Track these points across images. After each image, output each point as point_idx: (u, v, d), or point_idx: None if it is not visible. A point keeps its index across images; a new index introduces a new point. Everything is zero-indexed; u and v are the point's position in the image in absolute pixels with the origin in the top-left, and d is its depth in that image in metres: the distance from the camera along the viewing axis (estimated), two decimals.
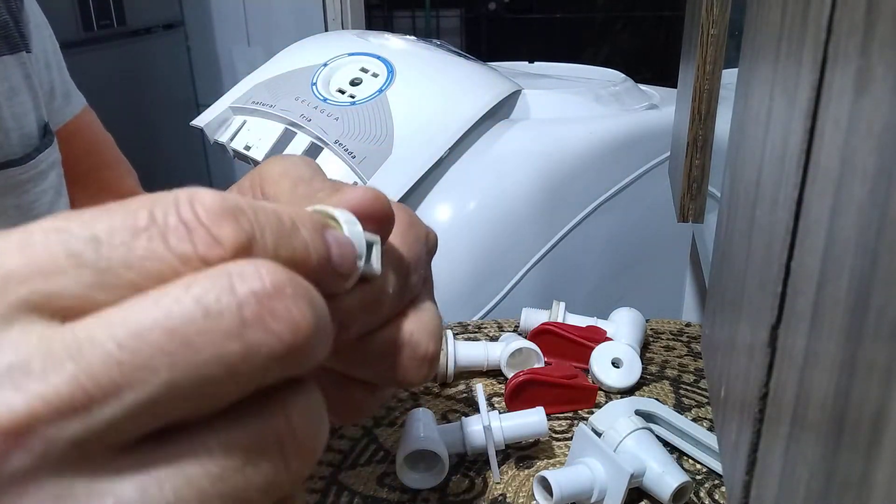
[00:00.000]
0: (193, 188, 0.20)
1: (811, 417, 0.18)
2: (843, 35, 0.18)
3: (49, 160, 0.52)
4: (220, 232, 0.19)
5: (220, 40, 2.20)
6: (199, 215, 0.19)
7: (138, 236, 0.18)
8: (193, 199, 0.19)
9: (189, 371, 0.17)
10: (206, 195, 0.19)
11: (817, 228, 0.19)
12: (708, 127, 0.60)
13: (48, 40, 0.56)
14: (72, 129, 0.59)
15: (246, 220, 0.19)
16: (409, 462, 0.48)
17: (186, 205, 0.19)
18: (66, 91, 0.59)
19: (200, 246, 0.19)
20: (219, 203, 0.19)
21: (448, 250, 0.82)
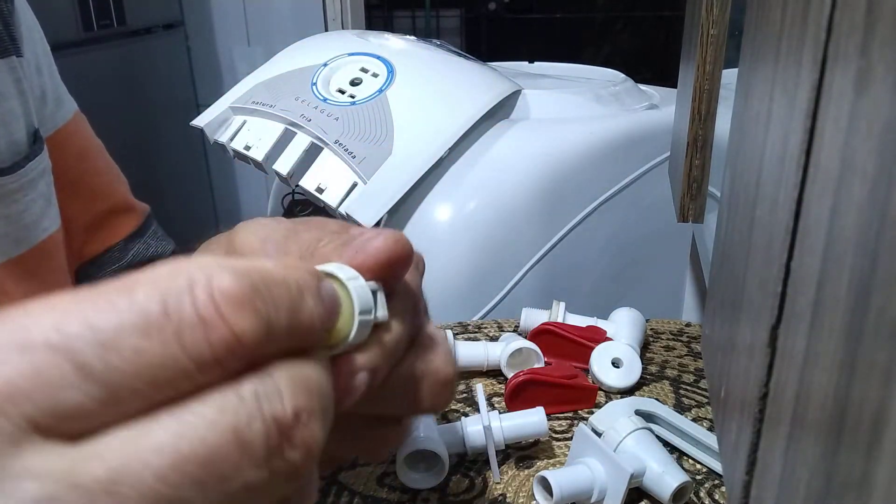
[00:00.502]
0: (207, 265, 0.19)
1: (811, 417, 0.18)
2: (843, 35, 0.18)
3: (39, 168, 0.50)
4: (240, 325, 0.18)
5: (220, 40, 2.20)
6: (217, 304, 0.18)
7: (150, 336, 0.17)
8: (211, 284, 0.18)
9: (218, 498, 0.17)
10: (224, 278, 0.18)
11: (817, 228, 0.19)
12: (708, 127, 0.60)
13: (39, 44, 0.55)
14: (64, 135, 0.58)
15: (262, 302, 0.19)
16: (409, 462, 0.48)
17: (203, 292, 0.18)
18: (58, 96, 0.58)
19: (219, 347, 0.18)
20: (237, 287, 0.18)
21: (448, 250, 0.82)
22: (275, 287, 0.19)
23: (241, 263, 0.19)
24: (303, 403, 0.19)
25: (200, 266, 0.19)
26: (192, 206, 2.20)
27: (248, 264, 0.19)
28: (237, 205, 2.32)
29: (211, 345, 0.18)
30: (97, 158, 0.63)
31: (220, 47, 2.20)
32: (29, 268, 0.50)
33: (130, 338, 0.17)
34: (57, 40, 0.58)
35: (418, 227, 0.82)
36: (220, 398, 0.18)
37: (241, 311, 0.18)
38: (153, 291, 0.18)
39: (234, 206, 2.32)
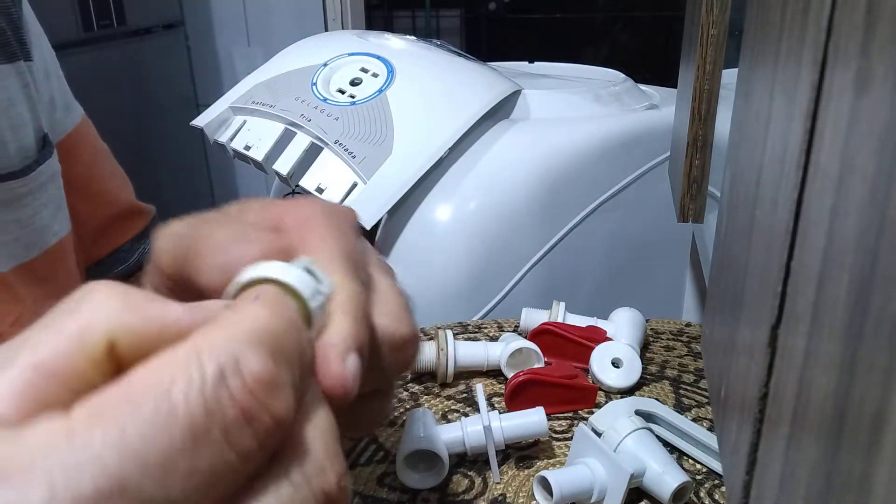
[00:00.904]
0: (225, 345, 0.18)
1: (811, 417, 0.18)
2: (843, 35, 0.18)
3: (48, 172, 0.51)
4: (277, 407, 0.18)
5: (220, 40, 2.20)
6: (254, 392, 0.17)
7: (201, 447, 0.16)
8: (241, 370, 0.18)
9: None
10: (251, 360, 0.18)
11: (817, 228, 0.19)
12: (708, 127, 0.60)
13: (46, 49, 0.55)
14: (73, 140, 0.58)
15: (286, 372, 0.19)
16: (409, 462, 0.48)
17: (237, 381, 0.17)
18: (66, 101, 0.58)
19: (263, 436, 0.18)
20: (267, 369, 0.18)
21: (448, 250, 0.82)
22: (286, 348, 0.19)
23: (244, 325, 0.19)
24: (339, 468, 0.19)
25: (223, 349, 0.18)
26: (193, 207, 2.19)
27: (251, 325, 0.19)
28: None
29: (256, 436, 0.17)
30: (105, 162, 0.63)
31: (220, 47, 2.20)
32: (40, 272, 0.50)
33: (184, 459, 0.16)
34: (57, 40, 0.58)
35: (418, 227, 0.82)
36: (275, 490, 0.18)
37: (275, 392, 0.18)
38: (189, 391, 0.17)
39: None
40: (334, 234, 0.27)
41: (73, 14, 1.68)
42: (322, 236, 0.27)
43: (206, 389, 0.17)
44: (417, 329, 0.29)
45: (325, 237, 0.27)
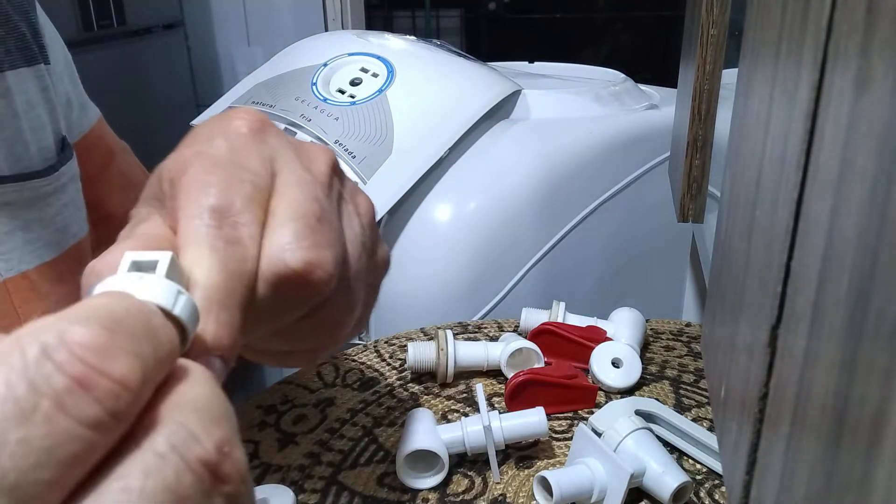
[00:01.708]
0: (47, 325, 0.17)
1: (811, 417, 0.18)
2: (843, 35, 0.18)
3: (70, 174, 0.51)
4: (117, 370, 0.17)
5: (220, 40, 2.20)
6: (83, 359, 0.17)
7: (30, 421, 0.16)
8: (65, 341, 0.17)
9: None
10: (76, 330, 0.17)
11: (817, 228, 0.19)
12: (708, 127, 0.60)
13: (61, 51, 0.56)
14: (90, 141, 0.59)
15: (123, 339, 0.18)
16: (409, 462, 0.48)
17: (62, 352, 0.17)
18: (83, 102, 0.58)
19: (108, 401, 0.17)
20: (93, 334, 0.17)
21: (448, 250, 0.82)
22: (125, 321, 0.18)
23: (78, 310, 0.18)
24: (219, 434, 0.18)
25: (41, 329, 0.17)
26: None
27: (84, 308, 0.18)
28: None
29: (99, 402, 0.17)
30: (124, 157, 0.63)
31: (220, 47, 2.20)
32: (62, 272, 0.50)
33: (10, 433, 0.16)
34: None
35: (418, 227, 0.82)
36: (139, 463, 0.17)
37: (111, 356, 0.17)
38: (9, 372, 0.16)
39: None
40: (198, 186, 0.26)
41: (73, 14, 1.68)
42: (185, 200, 0.26)
43: (28, 368, 0.16)
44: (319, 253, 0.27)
45: (188, 200, 0.26)
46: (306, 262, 0.26)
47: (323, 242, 0.27)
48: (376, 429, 0.54)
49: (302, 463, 0.51)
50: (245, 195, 0.26)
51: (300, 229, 0.26)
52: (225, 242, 0.25)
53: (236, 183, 0.27)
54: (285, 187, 0.28)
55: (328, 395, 0.59)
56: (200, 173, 0.27)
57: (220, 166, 0.27)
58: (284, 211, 0.27)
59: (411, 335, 0.68)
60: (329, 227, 0.28)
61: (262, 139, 0.29)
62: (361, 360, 0.64)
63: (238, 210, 0.26)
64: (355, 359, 0.64)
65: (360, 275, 0.30)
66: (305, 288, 0.26)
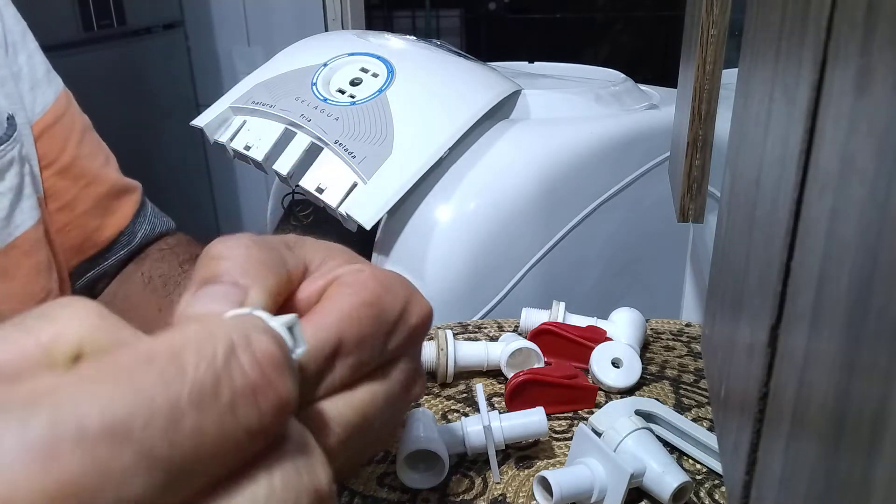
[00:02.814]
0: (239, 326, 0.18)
1: (811, 417, 0.18)
2: (843, 35, 0.18)
3: (6, 158, 0.47)
4: (283, 387, 0.18)
5: (220, 40, 2.20)
6: (262, 368, 0.18)
7: (208, 411, 0.17)
8: (252, 347, 0.18)
9: None
10: (263, 339, 0.18)
11: (817, 228, 0.19)
12: (708, 127, 0.60)
13: (14, 23, 0.52)
14: (51, 119, 0.55)
15: (290, 361, 0.19)
16: (409, 462, 0.48)
17: (247, 356, 0.18)
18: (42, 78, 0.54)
19: (268, 413, 0.18)
20: (276, 348, 0.18)
21: (448, 250, 0.82)
22: (283, 346, 0.20)
23: (254, 321, 0.19)
24: (330, 471, 0.20)
25: (235, 327, 0.18)
26: (193, 206, 2.20)
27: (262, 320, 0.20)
28: (237, 205, 2.32)
29: (260, 412, 0.18)
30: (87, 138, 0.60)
31: (220, 47, 2.20)
32: (5, 266, 0.47)
33: (190, 416, 0.16)
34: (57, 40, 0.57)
35: (418, 227, 0.82)
36: (266, 478, 0.18)
37: (282, 374, 0.18)
38: (200, 359, 0.17)
39: (234, 206, 2.32)
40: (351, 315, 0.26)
41: (73, 14, 1.68)
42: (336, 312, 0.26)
43: (216, 360, 0.17)
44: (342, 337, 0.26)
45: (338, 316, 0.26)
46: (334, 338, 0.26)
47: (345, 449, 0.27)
48: None
49: None
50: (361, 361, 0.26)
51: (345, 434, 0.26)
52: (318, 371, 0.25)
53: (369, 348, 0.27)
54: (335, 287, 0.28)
55: None
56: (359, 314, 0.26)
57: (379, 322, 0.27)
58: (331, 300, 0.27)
59: None
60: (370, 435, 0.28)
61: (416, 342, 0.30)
62: None
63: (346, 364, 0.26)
64: None
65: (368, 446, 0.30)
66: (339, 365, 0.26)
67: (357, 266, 0.28)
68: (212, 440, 0.17)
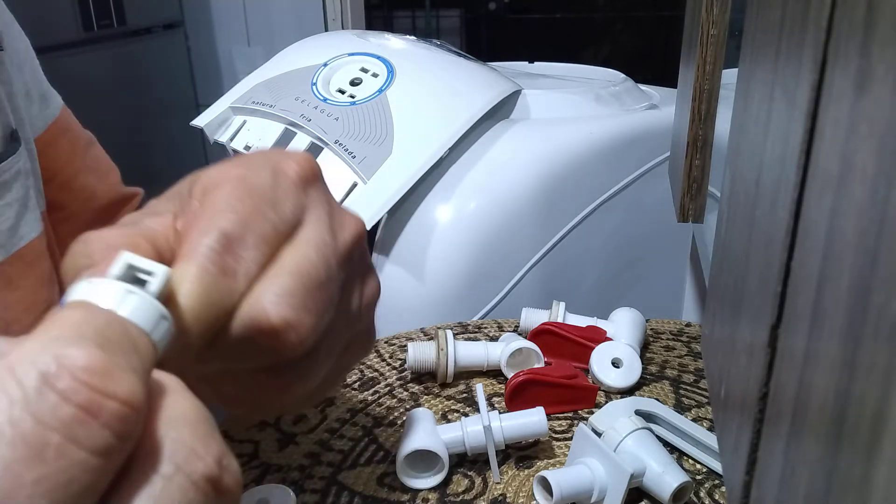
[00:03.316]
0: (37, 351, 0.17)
1: (811, 417, 0.18)
2: (843, 35, 0.18)
3: (12, 170, 0.48)
4: (121, 390, 0.17)
5: (220, 40, 2.20)
6: (87, 383, 0.16)
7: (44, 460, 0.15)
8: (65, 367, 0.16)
9: None
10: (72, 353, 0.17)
11: (817, 228, 0.19)
12: (708, 127, 0.60)
13: (20, 41, 0.53)
14: (53, 133, 0.56)
15: (120, 357, 0.17)
16: (409, 462, 0.48)
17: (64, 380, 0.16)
18: (42, 93, 0.55)
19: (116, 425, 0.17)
20: (90, 356, 0.17)
21: (448, 250, 0.82)
22: (111, 336, 0.18)
23: (64, 328, 0.18)
24: (216, 448, 0.18)
25: (34, 353, 0.17)
26: None
27: (70, 326, 0.18)
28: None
29: (109, 427, 0.16)
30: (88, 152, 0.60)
31: (220, 47, 2.21)
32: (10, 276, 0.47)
33: (25, 474, 0.15)
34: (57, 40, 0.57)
35: (418, 227, 0.82)
36: (146, 488, 0.17)
37: (112, 377, 0.17)
38: (10, 407, 0.16)
39: None
40: (222, 206, 0.26)
41: (73, 14, 1.68)
42: (205, 215, 0.26)
43: (30, 400, 0.16)
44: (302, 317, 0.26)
45: (208, 215, 0.26)
46: (285, 320, 0.25)
47: (311, 308, 0.26)
48: (376, 429, 0.54)
49: (302, 463, 0.51)
50: (261, 233, 0.26)
51: (295, 286, 0.26)
52: (219, 270, 0.25)
53: (259, 218, 0.26)
54: (303, 242, 0.27)
55: (328, 394, 0.59)
56: (231, 195, 0.26)
57: (252, 197, 0.27)
58: (290, 263, 0.26)
59: (411, 335, 0.68)
60: (324, 298, 0.27)
61: (305, 189, 0.29)
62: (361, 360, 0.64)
63: (247, 245, 0.26)
64: None
65: (331, 354, 0.30)
66: (274, 344, 0.26)
67: (217, 168, 0.28)
68: (65, 483, 0.16)
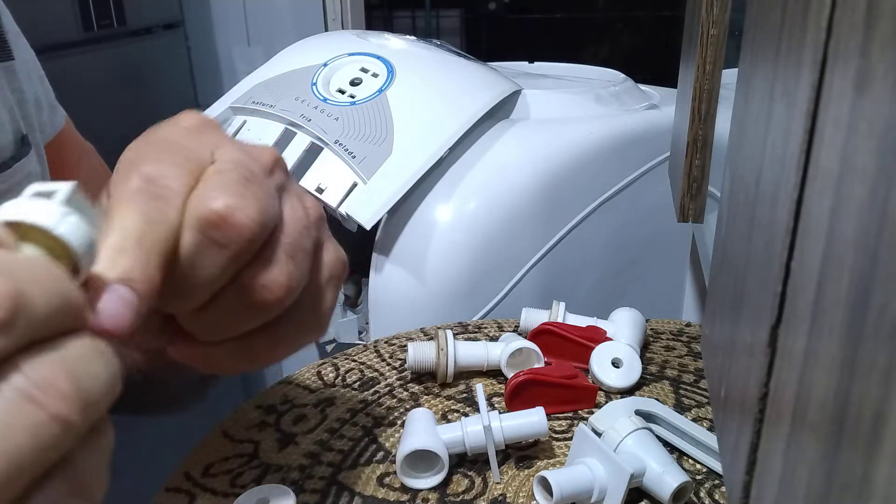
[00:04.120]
0: None
1: (811, 417, 0.18)
2: (843, 35, 0.18)
3: (24, 171, 0.49)
4: None
5: (220, 40, 2.20)
6: None
7: None
8: None
9: None
10: None
11: (817, 228, 0.19)
12: (708, 127, 0.60)
13: (26, 49, 0.54)
14: (62, 140, 0.57)
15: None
16: (409, 462, 0.48)
17: None
18: (51, 102, 0.57)
19: None
20: None
21: (448, 250, 0.82)
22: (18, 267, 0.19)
23: None
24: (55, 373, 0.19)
25: None
26: None
27: None
28: None
29: None
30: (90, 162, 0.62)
31: (220, 47, 2.21)
32: None
33: None
34: (57, 40, 0.58)
35: (418, 227, 0.82)
36: None
37: None
38: None
39: None
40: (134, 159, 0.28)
41: (73, 14, 1.68)
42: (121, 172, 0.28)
43: None
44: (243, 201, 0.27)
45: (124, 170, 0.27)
46: (227, 205, 0.27)
47: (249, 194, 0.28)
48: (376, 429, 0.54)
49: (302, 463, 0.51)
50: (176, 164, 0.28)
51: (225, 181, 0.28)
52: (148, 197, 0.26)
53: (170, 155, 0.28)
54: (220, 163, 0.29)
55: (328, 395, 0.59)
56: (140, 150, 0.29)
57: (159, 146, 0.29)
58: (213, 172, 0.28)
59: (411, 335, 0.68)
60: (259, 189, 0.28)
61: (205, 132, 0.31)
62: (361, 360, 0.64)
63: (168, 175, 0.27)
64: (355, 359, 0.64)
65: (299, 245, 0.30)
66: (228, 231, 0.27)
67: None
68: None
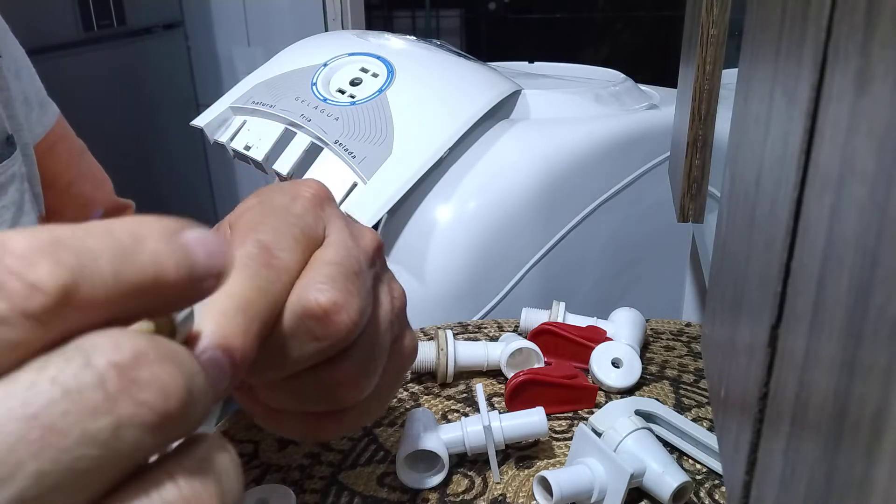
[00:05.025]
0: None
1: (811, 417, 0.18)
2: (843, 35, 0.18)
3: (8, 173, 0.48)
4: (36, 275, 0.16)
5: (220, 40, 2.20)
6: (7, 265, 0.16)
7: None
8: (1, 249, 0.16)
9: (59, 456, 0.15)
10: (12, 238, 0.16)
11: (817, 228, 0.19)
12: (708, 127, 0.60)
13: (15, 48, 0.53)
14: (52, 140, 0.57)
15: (66, 251, 0.17)
16: (409, 462, 0.48)
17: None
18: (41, 100, 0.56)
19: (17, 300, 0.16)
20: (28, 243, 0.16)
21: (448, 250, 0.82)
22: (91, 238, 0.17)
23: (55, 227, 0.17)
24: (145, 345, 0.17)
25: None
26: (192, 207, 2.20)
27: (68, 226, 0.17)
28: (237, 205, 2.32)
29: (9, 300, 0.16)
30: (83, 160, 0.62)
31: (220, 47, 2.21)
32: None
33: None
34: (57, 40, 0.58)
35: (418, 227, 0.82)
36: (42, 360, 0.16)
37: (36, 262, 0.16)
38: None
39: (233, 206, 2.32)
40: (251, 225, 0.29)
41: (73, 14, 1.68)
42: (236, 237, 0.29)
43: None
44: (348, 298, 0.28)
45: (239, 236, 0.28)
46: (333, 301, 0.28)
47: (354, 291, 0.29)
48: (376, 429, 0.54)
49: (302, 463, 0.51)
50: (292, 236, 0.29)
51: (335, 274, 0.28)
52: (259, 265, 0.27)
53: (286, 226, 0.29)
54: (332, 243, 0.30)
55: None
56: (256, 216, 0.29)
57: (275, 214, 0.30)
58: (325, 258, 0.29)
59: None
60: (362, 285, 0.30)
61: (321, 206, 0.32)
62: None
63: (282, 248, 0.28)
64: None
65: (383, 344, 0.32)
66: (327, 327, 0.28)
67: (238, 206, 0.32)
68: None
